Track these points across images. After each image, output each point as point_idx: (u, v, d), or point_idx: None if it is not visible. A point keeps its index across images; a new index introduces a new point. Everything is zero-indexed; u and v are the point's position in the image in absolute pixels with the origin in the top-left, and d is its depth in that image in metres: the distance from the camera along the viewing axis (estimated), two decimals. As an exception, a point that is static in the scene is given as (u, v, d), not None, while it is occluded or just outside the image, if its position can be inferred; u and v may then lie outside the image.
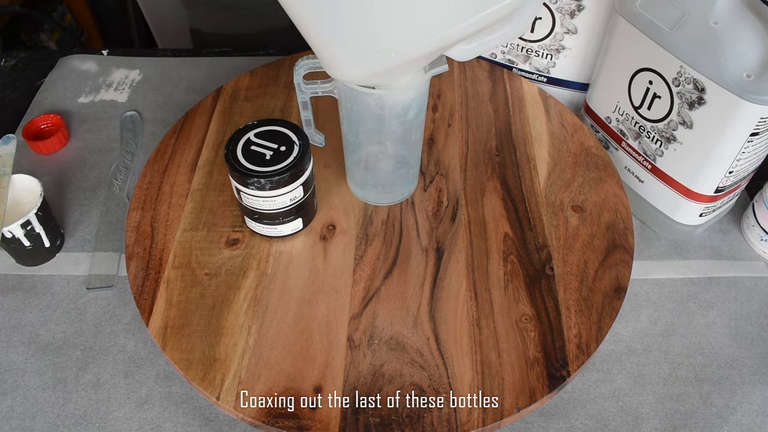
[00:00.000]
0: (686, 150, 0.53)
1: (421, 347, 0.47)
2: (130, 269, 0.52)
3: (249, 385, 0.45)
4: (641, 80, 0.54)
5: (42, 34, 1.49)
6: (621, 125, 0.59)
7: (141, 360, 0.51)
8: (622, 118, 0.58)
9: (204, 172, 0.59)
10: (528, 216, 0.56)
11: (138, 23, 1.46)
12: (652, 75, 0.53)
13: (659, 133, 0.54)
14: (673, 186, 0.56)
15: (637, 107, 0.56)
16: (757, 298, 0.55)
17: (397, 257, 0.53)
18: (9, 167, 0.56)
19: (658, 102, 0.53)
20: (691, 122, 0.51)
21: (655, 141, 0.55)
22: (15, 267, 0.57)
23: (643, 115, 0.56)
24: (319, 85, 0.51)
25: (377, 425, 0.43)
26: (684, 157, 0.54)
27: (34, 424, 0.48)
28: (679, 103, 0.51)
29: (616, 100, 0.58)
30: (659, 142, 0.55)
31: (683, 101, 0.51)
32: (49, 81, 0.76)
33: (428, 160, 0.61)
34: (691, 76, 0.49)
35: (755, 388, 0.50)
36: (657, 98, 0.53)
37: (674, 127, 0.53)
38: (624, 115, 0.58)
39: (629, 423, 0.48)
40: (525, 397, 0.44)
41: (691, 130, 0.52)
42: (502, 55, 0.69)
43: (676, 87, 0.51)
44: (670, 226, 0.59)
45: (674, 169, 0.55)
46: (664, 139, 0.54)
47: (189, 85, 0.75)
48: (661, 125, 0.54)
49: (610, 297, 0.50)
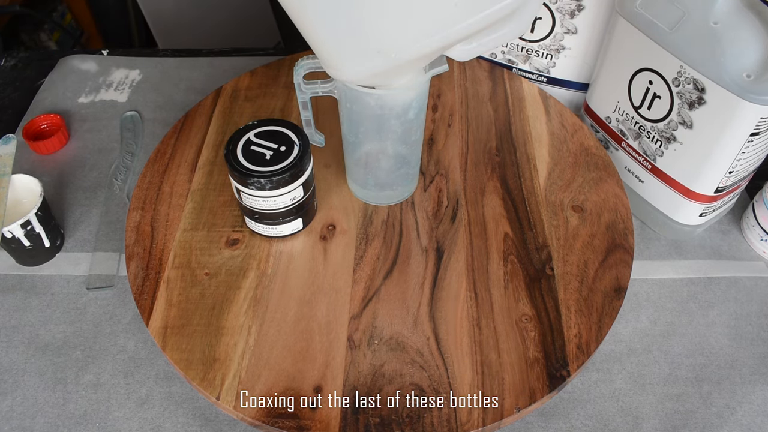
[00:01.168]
0: (686, 150, 0.53)
1: (421, 347, 0.47)
2: (130, 269, 0.52)
3: (249, 385, 0.45)
4: (641, 80, 0.54)
5: (42, 34, 1.49)
6: (621, 125, 0.59)
7: (141, 360, 0.51)
8: (622, 118, 0.58)
9: (204, 172, 0.59)
10: (528, 216, 0.56)
11: (138, 23, 1.46)
12: (652, 75, 0.53)
13: (659, 133, 0.54)
14: (673, 186, 0.56)
15: (637, 107, 0.56)
16: (757, 298, 0.55)
17: (397, 257, 0.53)
18: (9, 167, 0.56)
19: (658, 102, 0.53)
20: (691, 122, 0.51)
21: (655, 141, 0.55)
22: (15, 267, 0.57)
23: (643, 115, 0.55)
24: (319, 85, 0.51)
25: (377, 425, 0.43)
26: (684, 157, 0.54)
27: (34, 424, 0.48)
28: (679, 103, 0.51)
29: (616, 100, 0.58)
30: (659, 142, 0.54)
31: (683, 101, 0.51)
32: (49, 81, 0.76)
33: (428, 160, 0.61)
34: (691, 76, 0.49)
35: (755, 388, 0.50)
36: (657, 98, 0.53)
37: (674, 127, 0.53)
38: (624, 115, 0.58)
39: (629, 423, 0.48)
40: (525, 397, 0.44)
41: (691, 130, 0.52)
42: (502, 55, 0.69)
43: (676, 87, 0.51)
44: (670, 226, 0.59)
45: (674, 169, 0.55)
46: (664, 139, 0.54)
47: (189, 85, 0.75)
48: (661, 125, 0.54)
49: (610, 297, 0.50)
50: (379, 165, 0.55)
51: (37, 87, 0.75)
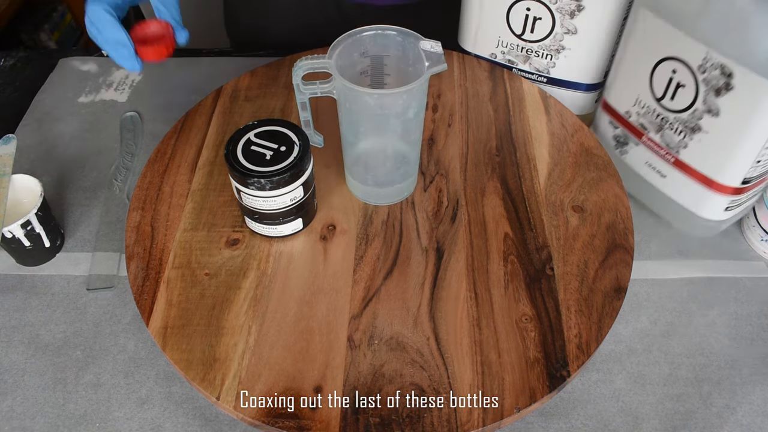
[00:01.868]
0: (712, 139, 0.51)
1: (421, 347, 0.47)
2: (130, 269, 0.52)
3: (249, 385, 0.45)
4: (664, 70, 0.53)
5: (42, 34, 1.49)
6: (642, 119, 0.57)
7: (141, 360, 0.51)
8: (642, 111, 0.57)
9: (204, 172, 0.59)
10: (528, 216, 0.56)
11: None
12: (675, 64, 0.51)
13: (683, 123, 0.53)
14: (698, 179, 0.54)
15: (659, 98, 0.54)
16: (757, 298, 0.55)
17: (397, 257, 0.53)
18: (9, 167, 0.56)
19: (682, 91, 0.52)
20: (717, 109, 0.50)
21: (678, 132, 0.53)
22: (15, 267, 0.57)
23: (666, 106, 0.54)
24: (318, 85, 0.51)
25: (377, 425, 0.43)
26: (710, 147, 0.52)
27: (34, 424, 0.48)
28: (705, 90, 0.50)
29: (637, 94, 0.56)
30: (683, 133, 0.53)
31: (709, 88, 0.49)
32: (49, 81, 0.76)
33: (428, 160, 0.61)
34: (717, 62, 0.48)
35: (755, 389, 0.50)
36: (681, 87, 0.52)
37: (699, 116, 0.51)
38: (645, 108, 0.56)
39: (629, 423, 0.48)
40: (525, 397, 0.44)
41: (718, 118, 0.50)
42: (502, 55, 0.69)
43: (701, 74, 0.49)
44: (694, 221, 0.57)
45: (699, 160, 0.53)
46: (689, 130, 0.52)
47: (189, 85, 0.75)
48: (685, 115, 0.52)
49: (611, 297, 0.50)
50: (379, 165, 0.55)
51: (37, 87, 0.75)
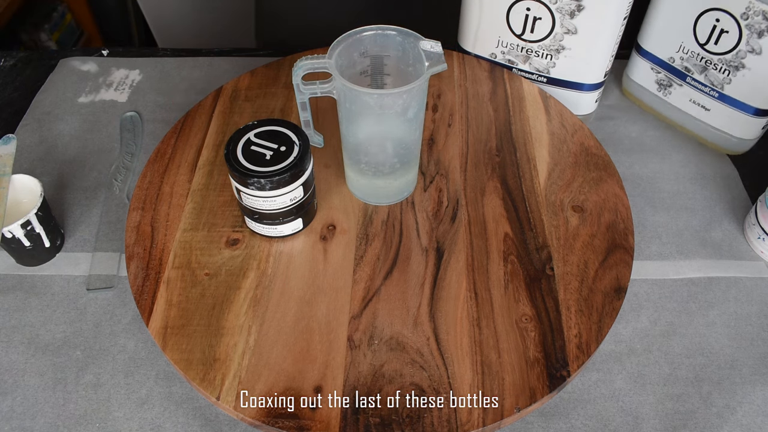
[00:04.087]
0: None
1: (421, 347, 0.47)
2: (130, 269, 0.52)
3: (249, 385, 0.45)
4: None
5: (42, 34, 1.49)
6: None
7: (141, 360, 0.51)
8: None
9: (204, 172, 0.59)
10: (528, 216, 0.56)
11: (138, 23, 1.47)
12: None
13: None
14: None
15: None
16: (757, 298, 0.55)
17: (397, 257, 0.53)
18: (9, 167, 0.56)
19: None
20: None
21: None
22: (15, 267, 0.57)
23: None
24: (318, 85, 0.51)
25: (377, 425, 0.43)
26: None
27: (34, 424, 0.48)
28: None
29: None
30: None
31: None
32: (49, 81, 0.76)
33: (428, 160, 0.61)
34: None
35: (755, 388, 0.50)
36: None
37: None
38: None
39: (629, 423, 0.48)
40: (525, 397, 0.44)
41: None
42: (502, 55, 0.69)
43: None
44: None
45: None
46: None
47: (189, 85, 0.75)
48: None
49: (611, 297, 0.50)
50: (379, 165, 0.55)
51: (37, 87, 0.75)
